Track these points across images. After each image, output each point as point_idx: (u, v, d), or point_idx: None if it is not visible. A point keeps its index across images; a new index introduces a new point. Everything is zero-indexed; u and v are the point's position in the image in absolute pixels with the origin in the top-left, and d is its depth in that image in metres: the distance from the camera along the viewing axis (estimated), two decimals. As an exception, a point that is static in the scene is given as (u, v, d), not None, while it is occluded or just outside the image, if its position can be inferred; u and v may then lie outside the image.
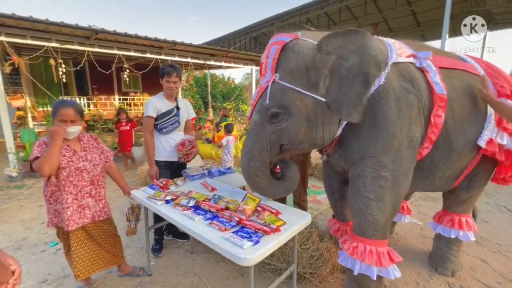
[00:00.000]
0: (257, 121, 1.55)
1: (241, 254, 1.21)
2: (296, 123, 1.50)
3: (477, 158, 1.84)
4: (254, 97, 1.58)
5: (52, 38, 5.00)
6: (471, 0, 9.76)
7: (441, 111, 1.61)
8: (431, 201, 3.81)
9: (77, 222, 1.77)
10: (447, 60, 1.78)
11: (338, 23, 13.96)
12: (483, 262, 2.41)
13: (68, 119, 1.71)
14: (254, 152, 1.57)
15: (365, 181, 1.60)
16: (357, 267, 1.62)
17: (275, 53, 1.48)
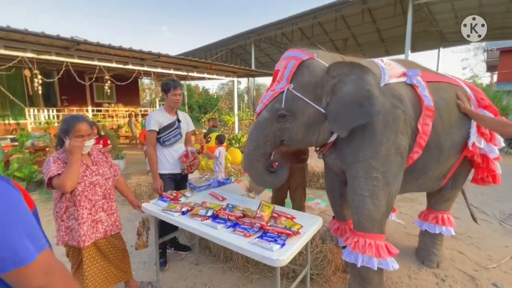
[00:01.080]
0: (267, 117, 1.81)
1: (273, 256, 1.31)
2: (298, 126, 1.79)
3: (460, 159, 2.15)
4: (267, 98, 1.82)
5: (28, 48, 4.75)
6: (427, 21, 10.96)
7: (428, 120, 1.87)
8: (409, 202, 4.19)
9: (91, 237, 1.75)
10: (433, 75, 2.09)
11: (311, 37, 14.78)
12: (460, 254, 2.73)
13: (85, 134, 1.72)
14: (259, 142, 1.84)
15: (359, 182, 1.83)
16: (360, 260, 1.80)
17: (292, 67, 1.76)
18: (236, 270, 2.43)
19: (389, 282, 2.28)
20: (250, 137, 1.92)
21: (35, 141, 6.11)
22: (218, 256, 2.62)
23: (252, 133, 1.90)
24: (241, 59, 19.35)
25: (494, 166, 2.11)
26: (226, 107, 19.33)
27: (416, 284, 2.25)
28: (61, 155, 1.70)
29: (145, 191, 4.27)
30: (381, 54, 15.56)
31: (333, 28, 13.29)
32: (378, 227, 1.83)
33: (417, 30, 12.45)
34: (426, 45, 14.48)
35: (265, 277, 2.33)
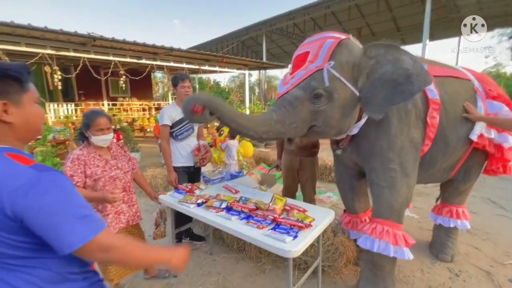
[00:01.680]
0: (299, 96, 1.64)
1: (285, 247, 1.36)
2: (333, 109, 1.68)
3: (468, 151, 2.12)
4: (297, 77, 1.68)
5: (47, 45, 4.92)
6: (447, 7, 10.44)
7: (435, 113, 1.89)
8: (424, 196, 4.12)
9: (115, 228, 1.85)
10: (439, 69, 2.07)
11: (323, 27, 14.44)
12: (476, 249, 2.69)
13: (105, 127, 1.81)
14: (285, 120, 1.64)
15: (378, 173, 1.89)
16: (376, 246, 1.82)
17: (331, 45, 1.67)
18: (249, 260, 2.51)
19: (401, 275, 2.29)
20: (274, 107, 1.70)
21: (56, 135, 6.39)
22: (232, 247, 2.71)
23: (279, 109, 1.66)
24: (252, 51, 19.19)
25: (509, 155, 2.09)
26: (237, 100, 19.35)
27: (429, 278, 2.25)
28: (82, 151, 1.80)
29: (160, 183, 4.41)
30: (397, 43, 15.03)
31: (347, 17, 12.90)
32: (396, 216, 1.86)
33: (436, 18, 11.88)
34: (445, 33, 13.82)
35: (277, 267, 2.39)
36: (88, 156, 1.79)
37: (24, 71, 0.80)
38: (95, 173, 1.78)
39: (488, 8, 10.13)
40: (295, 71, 1.74)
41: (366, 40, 7.93)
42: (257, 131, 1.60)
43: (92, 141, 1.81)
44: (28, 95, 0.82)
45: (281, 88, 1.80)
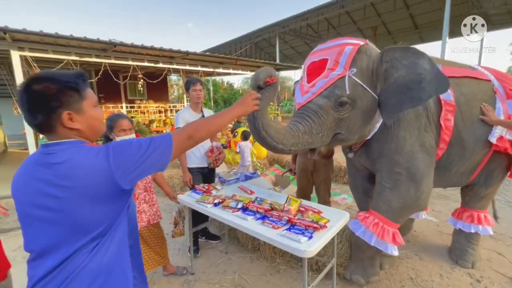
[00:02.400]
0: (323, 105, 1.64)
1: (301, 247, 1.39)
2: (357, 115, 1.70)
3: (489, 154, 2.05)
4: (318, 85, 1.67)
5: (72, 51, 5.21)
6: (468, 3, 10.05)
7: (450, 115, 1.86)
8: (443, 199, 4.00)
9: (159, 216, 1.99)
10: (455, 70, 2.02)
11: (337, 27, 14.28)
12: (499, 255, 2.59)
13: (127, 128, 1.93)
14: (313, 130, 1.63)
15: (382, 174, 1.93)
16: (360, 230, 1.90)
17: (350, 52, 1.67)
18: (263, 260, 2.55)
19: (419, 280, 2.25)
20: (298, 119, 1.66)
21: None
22: (247, 246, 2.76)
23: (304, 120, 1.64)
24: (265, 53, 19.28)
25: None
26: (251, 101, 19.41)
27: (448, 284, 2.19)
28: None
29: (177, 183, 4.54)
30: (414, 42, 14.62)
31: (362, 16, 12.70)
32: (392, 214, 1.88)
33: (456, 14, 11.45)
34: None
35: (291, 268, 2.41)
36: None
37: (80, 80, 0.88)
38: None
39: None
40: (313, 79, 1.72)
41: (382, 40, 7.83)
42: (285, 143, 1.56)
43: None
44: (86, 102, 0.89)
45: (299, 97, 1.76)
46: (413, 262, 2.48)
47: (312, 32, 15.18)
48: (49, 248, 0.81)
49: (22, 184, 0.84)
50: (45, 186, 0.79)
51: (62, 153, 0.82)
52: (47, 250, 0.81)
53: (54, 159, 0.81)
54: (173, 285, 2.25)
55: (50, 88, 0.81)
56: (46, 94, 0.81)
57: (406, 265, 2.44)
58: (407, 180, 1.85)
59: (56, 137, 0.86)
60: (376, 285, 2.18)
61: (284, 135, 1.57)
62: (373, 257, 2.06)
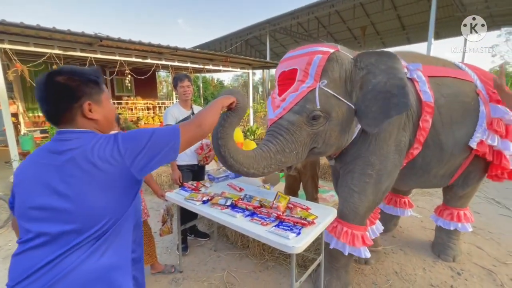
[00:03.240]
0: (295, 121, 1.56)
1: (289, 243, 1.40)
2: (332, 127, 1.63)
3: (469, 158, 2.07)
4: (288, 100, 1.59)
5: (55, 45, 5.01)
6: (453, 6, 10.35)
7: (428, 116, 1.84)
8: (428, 196, 4.12)
9: (146, 213, 1.95)
10: (437, 69, 1.99)
11: (327, 26, 14.39)
12: (479, 249, 2.70)
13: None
14: (286, 149, 1.56)
15: (353, 176, 1.88)
16: (333, 243, 1.92)
17: (320, 62, 1.58)
18: (252, 257, 2.56)
19: (403, 273, 2.32)
20: (270, 138, 1.58)
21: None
22: (236, 244, 2.76)
23: (272, 136, 1.58)
24: (256, 50, 19.21)
25: (508, 163, 2.01)
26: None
27: (430, 277, 2.27)
28: None
29: (166, 181, 4.48)
30: (402, 42, 14.95)
31: (351, 16, 12.85)
32: (359, 219, 1.90)
33: (442, 16, 11.79)
34: (451, 32, 13.68)
35: (280, 264, 2.43)
36: None
37: (99, 74, 0.95)
38: None
39: (495, 6, 10.01)
40: (283, 91, 1.65)
41: (371, 40, 7.91)
42: (257, 167, 1.48)
43: None
44: (104, 95, 0.95)
45: (270, 112, 1.68)
46: (398, 257, 2.56)
47: (302, 30, 15.24)
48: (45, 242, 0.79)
49: (29, 171, 0.86)
50: (56, 172, 0.81)
51: (77, 140, 0.85)
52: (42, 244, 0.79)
53: (68, 145, 0.84)
54: (161, 283, 2.22)
55: (73, 79, 0.87)
56: (70, 85, 0.86)
57: (391, 260, 2.51)
58: (375, 183, 1.83)
59: (75, 127, 0.89)
60: (362, 279, 2.24)
61: (255, 158, 1.48)
62: (347, 264, 2.06)
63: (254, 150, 1.54)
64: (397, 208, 2.91)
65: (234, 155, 1.40)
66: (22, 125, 8.58)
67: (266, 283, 2.21)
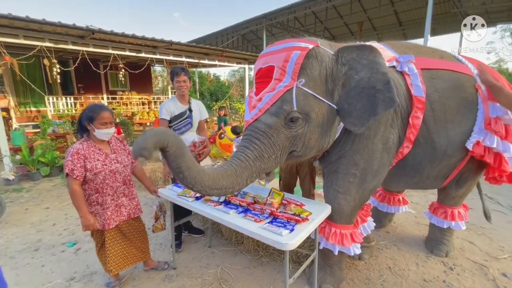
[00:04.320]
0: (272, 124, 1.46)
1: (282, 240, 1.38)
2: (312, 129, 1.52)
3: (466, 159, 1.92)
4: (265, 101, 1.49)
5: (45, 37, 4.89)
6: (449, 2, 10.33)
7: (419, 112, 1.71)
8: (422, 192, 4.15)
9: (115, 220, 1.90)
10: (433, 61, 1.85)
11: (324, 21, 14.30)
12: (471, 244, 2.73)
13: (108, 121, 1.84)
14: (264, 154, 1.47)
15: (337, 176, 1.82)
16: (323, 243, 1.92)
17: (298, 59, 1.45)
18: (247, 253, 2.55)
19: (397, 268, 2.33)
20: (246, 143, 1.49)
21: (56, 128, 6.40)
22: (230, 240, 2.75)
23: (248, 140, 1.48)
24: (253, 45, 19.03)
25: (508, 166, 1.86)
26: (237, 94, 19.27)
27: (423, 272, 2.29)
28: (81, 145, 1.81)
29: (160, 177, 4.43)
30: (398, 38, 14.93)
31: (348, 11, 12.77)
32: (346, 219, 1.88)
33: (438, 12, 11.77)
34: (447, 28, 13.72)
35: (274, 260, 2.43)
36: (88, 150, 1.81)
37: None
38: (95, 167, 1.80)
39: (491, 3, 10.02)
40: (260, 90, 1.54)
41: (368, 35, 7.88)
42: (241, 182, 1.43)
43: (95, 135, 1.83)
44: None
45: (247, 113, 1.57)
46: (392, 252, 2.57)
47: (299, 25, 15.12)
48: None
49: None
50: None
51: None
52: None
53: None
54: (154, 280, 2.20)
55: None
56: None
57: (385, 255, 2.52)
58: (359, 182, 1.77)
59: None
60: (356, 274, 2.24)
61: (235, 173, 1.41)
62: (340, 260, 2.05)
63: (232, 163, 1.44)
64: (391, 206, 2.91)
65: (212, 184, 1.35)
66: (13, 120, 8.41)
67: (260, 279, 2.21)
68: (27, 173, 4.83)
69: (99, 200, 1.85)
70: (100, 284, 2.15)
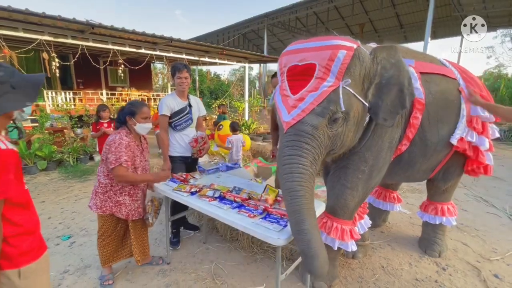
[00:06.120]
0: (318, 125, 1.44)
1: (274, 235, 1.39)
2: (349, 128, 1.56)
3: (450, 154, 2.14)
4: (310, 100, 1.44)
5: (45, 31, 4.87)
6: (451, 5, 10.36)
7: (419, 113, 1.85)
8: (417, 193, 4.17)
9: (140, 213, 2.03)
10: (428, 66, 2.01)
11: (326, 22, 14.32)
12: (464, 245, 2.75)
13: (148, 116, 1.95)
14: (315, 157, 1.46)
15: (347, 172, 1.85)
16: (323, 238, 1.89)
17: (344, 58, 1.44)
18: (241, 250, 2.56)
19: (390, 268, 2.34)
20: (296, 151, 1.43)
21: (54, 123, 6.38)
22: (225, 236, 2.75)
23: (297, 147, 1.43)
24: (254, 44, 19.04)
25: (484, 158, 2.11)
26: (237, 93, 19.27)
27: (416, 271, 2.30)
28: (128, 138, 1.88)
29: (157, 173, 4.43)
30: (399, 41, 14.96)
31: (350, 12, 12.81)
32: (349, 215, 1.92)
33: (439, 16, 11.82)
34: (448, 32, 13.77)
35: (268, 257, 2.44)
36: (133, 144, 1.91)
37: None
38: (136, 162, 1.91)
39: (492, 8, 10.06)
40: (297, 88, 1.49)
41: (368, 37, 7.94)
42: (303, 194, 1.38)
43: (135, 128, 1.92)
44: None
45: (285, 113, 1.49)
46: (385, 252, 2.59)
47: (301, 26, 15.14)
48: None
49: None
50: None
51: None
52: None
53: None
54: (148, 274, 2.21)
55: None
56: None
57: (378, 255, 2.54)
58: (366, 179, 1.85)
59: None
60: (349, 273, 2.25)
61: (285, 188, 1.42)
62: (335, 257, 2.07)
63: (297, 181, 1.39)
64: (386, 203, 2.94)
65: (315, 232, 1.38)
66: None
67: (253, 275, 2.22)
68: (24, 167, 4.82)
69: (131, 191, 1.95)
70: (93, 278, 2.16)
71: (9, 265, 1.07)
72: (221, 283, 2.11)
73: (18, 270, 1.08)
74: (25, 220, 1.11)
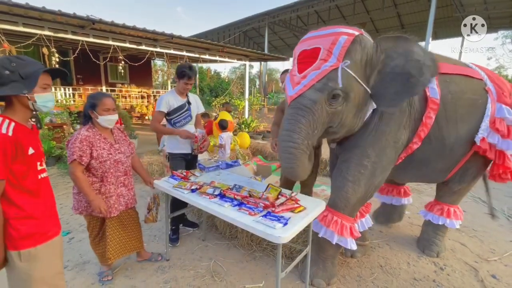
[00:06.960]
0: (317, 99, 1.57)
1: (275, 233, 1.39)
2: (349, 109, 1.67)
3: (469, 154, 2.10)
4: (310, 77, 1.58)
5: (45, 26, 4.84)
6: (452, 6, 10.34)
7: (432, 113, 1.87)
8: (416, 193, 4.19)
9: (117, 209, 1.92)
10: (448, 66, 2.01)
11: (327, 21, 14.28)
12: (462, 245, 2.76)
13: (111, 108, 1.84)
14: (309, 131, 1.61)
15: (349, 166, 1.91)
16: (322, 231, 1.94)
17: (345, 42, 1.57)
18: (240, 247, 2.56)
19: (388, 267, 2.35)
20: (292, 126, 1.61)
21: (53, 118, 6.36)
22: (224, 234, 2.76)
23: (297, 120, 1.60)
24: (254, 42, 18.98)
25: (511, 162, 2.02)
26: (237, 91, 19.24)
27: (414, 271, 2.31)
28: (89, 132, 1.80)
29: (156, 170, 4.44)
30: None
31: (351, 11, 12.78)
32: (350, 210, 1.93)
33: (441, 16, 11.80)
34: (449, 32, 13.76)
35: (267, 255, 2.44)
36: (94, 137, 1.82)
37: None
38: (101, 155, 1.82)
39: (494, 9, 10.05)
40: (304, 69, 1.63)
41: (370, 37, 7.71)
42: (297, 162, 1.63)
43: (98, 121, 1.84)
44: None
45: (290, 89, 1.67)
46: (384, 251, 2.60)
47: (301, 24, 15.10)
48: None
49: None
50: None
51: None
52: None
53: None
54: (147, 271, 2.21)
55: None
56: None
57: (377, 254, 2.55)
58: (369, 175, 1.88)
59: None
60: (347, 271, 2.26)
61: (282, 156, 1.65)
62: (334, 255, 2.08)
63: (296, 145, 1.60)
64: (397, 198, 2.98)
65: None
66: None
67: (252, 272, 2.22)
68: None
69: (102, 189, 1.86)
70: (92, 273, 2.16)
71: (10, 246, 1.14)
72: (219, 280, 2.12)
73: (18, 252, 1.15)
74: (30, 206, 1.17)
